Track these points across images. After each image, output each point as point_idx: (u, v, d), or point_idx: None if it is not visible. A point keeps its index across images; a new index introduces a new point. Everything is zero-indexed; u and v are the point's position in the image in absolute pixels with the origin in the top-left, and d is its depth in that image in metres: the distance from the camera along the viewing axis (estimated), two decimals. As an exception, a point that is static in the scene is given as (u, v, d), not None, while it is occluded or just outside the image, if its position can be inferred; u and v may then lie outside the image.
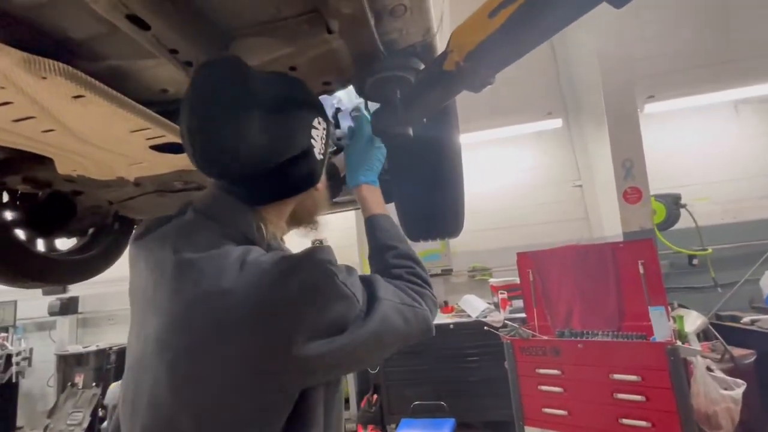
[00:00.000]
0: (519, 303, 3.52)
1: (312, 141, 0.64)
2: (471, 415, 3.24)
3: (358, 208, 2.05)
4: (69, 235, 1.63)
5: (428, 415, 2.91)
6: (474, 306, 3.67)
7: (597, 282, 2.64)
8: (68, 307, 4.84)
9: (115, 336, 4.78)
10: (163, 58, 0.70)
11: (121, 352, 4.21)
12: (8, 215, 1.39)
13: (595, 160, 3.93)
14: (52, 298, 4.81)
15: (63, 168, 1.05)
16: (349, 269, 0.60)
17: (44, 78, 0.66)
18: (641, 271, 2.44)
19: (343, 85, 0.83)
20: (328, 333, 0.52)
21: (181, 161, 1.09)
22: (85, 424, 3.93)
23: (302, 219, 0.76)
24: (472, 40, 0.56)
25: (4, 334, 4.66)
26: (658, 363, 2.03)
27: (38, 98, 0.70)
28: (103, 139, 0.90)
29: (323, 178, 0.72)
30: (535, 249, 3.08)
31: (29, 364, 4.60)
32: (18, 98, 0.70)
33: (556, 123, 3.93)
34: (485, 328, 2.88)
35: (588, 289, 2.66)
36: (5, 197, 1.37)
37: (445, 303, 4.11)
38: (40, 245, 1.54)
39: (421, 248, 4.04)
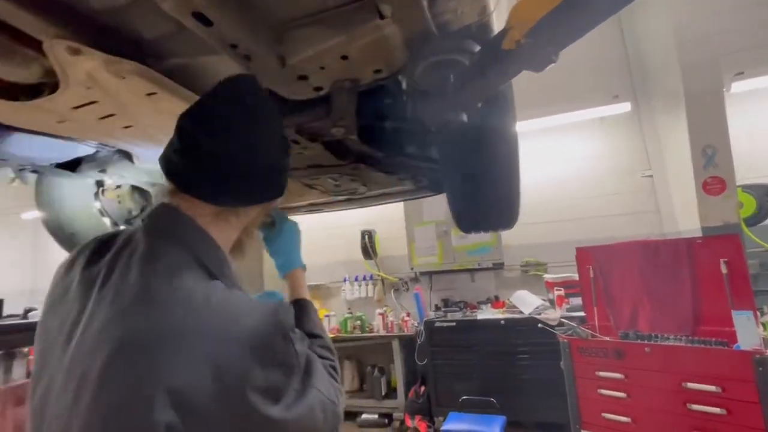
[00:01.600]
0: (577, 301, 3.31)
1: (289, 156, 0.72)
2: (521, 413, 3.13)
3: (409, 199, 2.04)
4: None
5: (477, 411, 2.86)
6: (527, 302, 3.52)
7: (669, 281, 2.40)
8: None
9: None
10: (223, 54, 0.74)
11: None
12: (97, 206, 1.56)
13: (668, 148, 3.56)
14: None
15: (139, 161, 1.16)
16: (303, 339, 0.61)
17: (123, 78, 0.72)
18: (724, 270, 2.18)
19: (393, 73, 0.82)
20: (264, 395, 0.52)
21: (240, 153, 1.15)
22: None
23: (244, 242, 0.74)
24: (534, 16, 0.52)
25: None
26: (743, 373, 1.81)
27: (118, 96, 0.77)
28: (171, 133, 0.96)
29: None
30: (596, 244, 2.88)
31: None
32: (102, 97, 0.77)
33: (624, 107, 3.59)
34: (540, 325, 2.76)
35: (658, 289, 2.44)
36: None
37: (496, 298, 3.99)
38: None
39: (470, 241, 3.95)
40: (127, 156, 1.23)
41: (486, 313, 3.66)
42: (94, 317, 0.55)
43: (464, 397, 3.03)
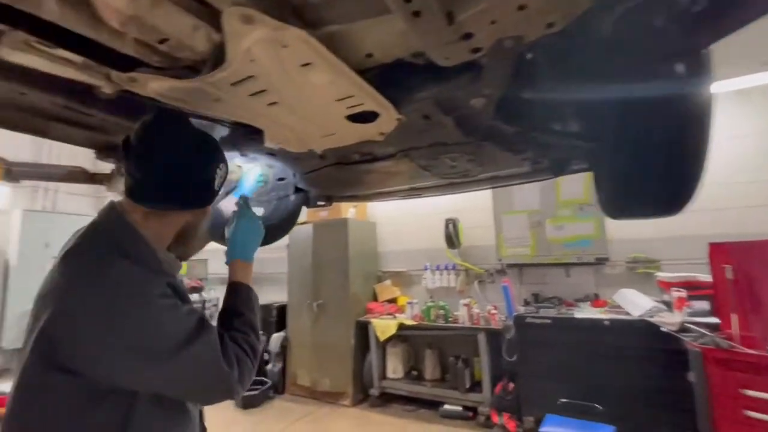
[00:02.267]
0: (701, 305, 2.86)
1: (215, 176, 0.89)
2: (629, 425, 2.81)
3: (519, 183, 1.89)
4: (256, 204, 1.89)
5: (577, 416, 2.62)
6: (635, 303, 3.13)
7: None
8: (241, 268, 5.89)
9: (273, 294, 5.62)
10: (380, 16, 0.69)
11: (281, 308, 4.94)
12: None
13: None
14: (230, 259, 5.90)
15: (270, 141, 1.18)
16: (175, 306, 0.75)
17: (286, 47, 0.70)
18: None
19: (565, 25, 0.70)
20: (133, 351, 0.68)
21: (367, 132, 1.12)
22: (255, 364, 4.77)
23: (183, 237, 0.92)
24: None
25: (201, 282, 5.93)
26: None
27: (273, 69, 0.77)
28: (310, 109, 0.95)
29: (209, 211, 0.95)
30: (729, 239, 2.43)
31: (217, 310, 5.78)
32: (258, 71, 0.77)
33: (778, 75, 2.94)
34: (663, 329, 2.42)
35: (831, 297, 1.97)
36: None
37: (596, 296, 3.63)
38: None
39: (568, 233, 3.61)
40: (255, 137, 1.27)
41: (585, 312, 3.34)
42: None
43: (563, 400, 2.81)
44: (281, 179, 1.72)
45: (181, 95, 0.87)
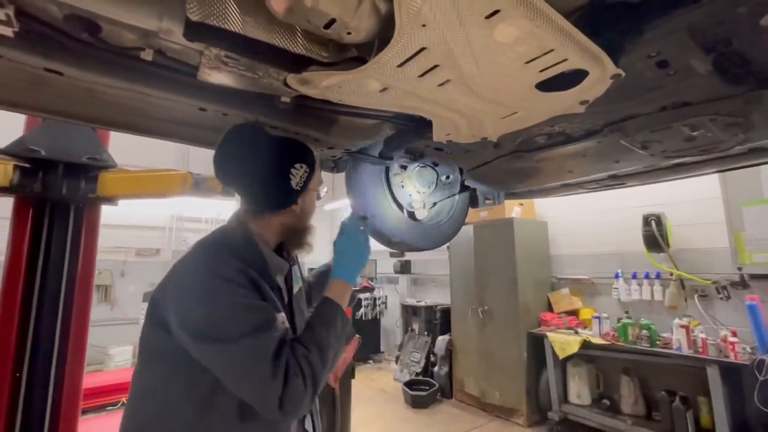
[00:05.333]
0: None
1: (290, 176, 0.93)
2: None
3: (722, 170, 1.34)
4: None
5: None
6: None
7: None
8: (405, 268, 6.13)
9: (437, 296, 5.63)
10: None
11: (445, 311, 4.87)
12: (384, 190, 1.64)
13: None
14: (395, 260, 6.22)
15: (438, 134, 1.05)
16: (240, 304, 0.79)
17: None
18: None
19: None
20: (185, 324, 0.78)
21: (563, 103, 0.85)
22: (422, 364, 4.83)
23: (291, 237, 1.01)
24: None
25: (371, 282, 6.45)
26: None
27: (450, 31, 0.61)
28: (490, 80, 0.76)
29: (303, 204, 0.99)
30: None
31: (386, 308, 6.17)
32: (431, 39, 0.63)
33: None
34: None
35: None
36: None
37: None
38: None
39: None
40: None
41: None
42: None
43: None
44: (447, 177, 1.58)
45: (350, 89, 0.81)
